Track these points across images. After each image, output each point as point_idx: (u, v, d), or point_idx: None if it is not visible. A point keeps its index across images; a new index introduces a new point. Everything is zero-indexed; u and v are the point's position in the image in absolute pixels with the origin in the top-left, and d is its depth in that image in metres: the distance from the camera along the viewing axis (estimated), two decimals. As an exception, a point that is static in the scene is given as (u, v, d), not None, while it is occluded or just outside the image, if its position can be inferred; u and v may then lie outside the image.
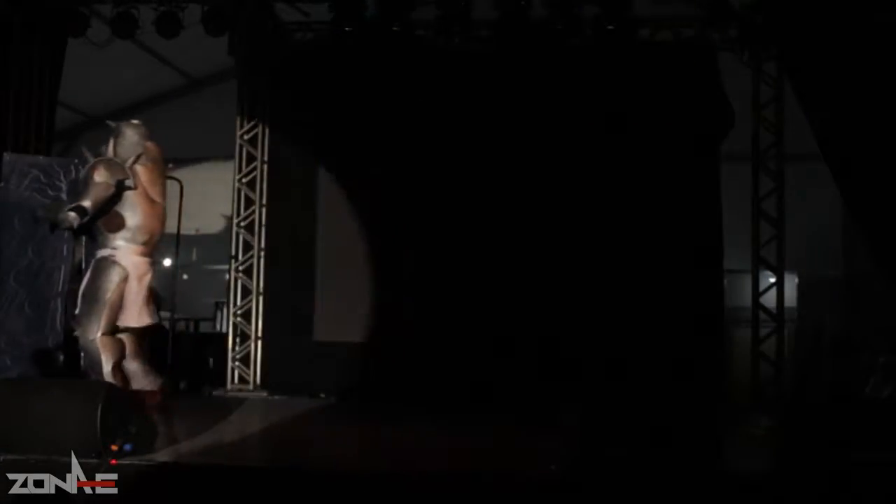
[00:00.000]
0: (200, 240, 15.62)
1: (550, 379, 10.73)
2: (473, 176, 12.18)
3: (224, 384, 12.58)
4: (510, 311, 11.91)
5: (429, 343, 11.93)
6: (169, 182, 8.84)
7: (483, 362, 11.72)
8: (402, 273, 12.24)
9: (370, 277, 12.32)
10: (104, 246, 7.46)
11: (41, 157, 10.70)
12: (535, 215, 12.06)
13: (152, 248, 7.90)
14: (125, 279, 7.48)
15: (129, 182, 7.38)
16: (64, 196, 9.33)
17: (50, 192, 9.81)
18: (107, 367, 7.20)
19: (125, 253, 7.42)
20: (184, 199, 9.32)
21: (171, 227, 8.33)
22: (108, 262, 7.33)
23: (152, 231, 7.65)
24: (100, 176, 7.28)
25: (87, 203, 7.19)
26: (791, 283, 13.99)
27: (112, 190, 7.29)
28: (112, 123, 7.84)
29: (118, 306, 7.38)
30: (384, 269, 12.27)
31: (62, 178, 9.91)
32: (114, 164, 7.33)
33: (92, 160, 7.46)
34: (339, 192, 12.54)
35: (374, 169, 12.39)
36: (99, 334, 7.23)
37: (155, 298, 8.63)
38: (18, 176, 9.97)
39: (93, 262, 7.44)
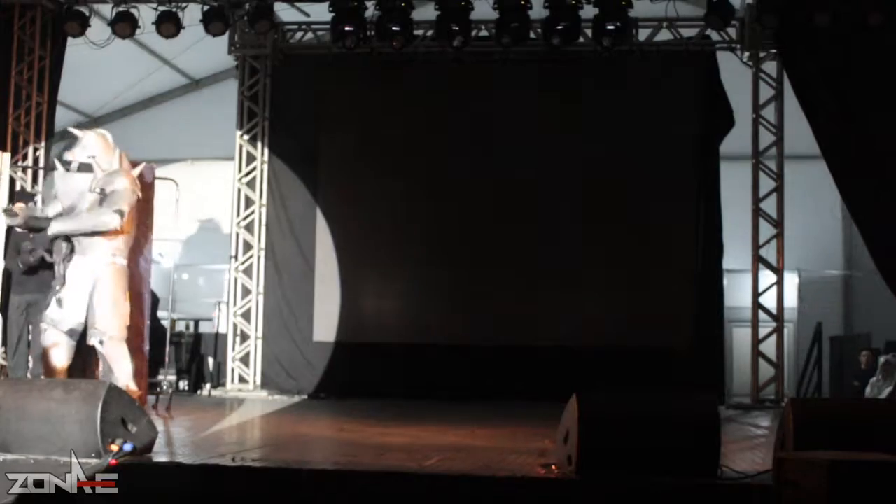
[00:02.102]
0: (200, 239, 15.59)
1: (549, 379, 10.73)
2: (473, 175, 12.19)
3: (224, 384, 12.61)
4: (508, 311, 11.93)
5: (428, 343, 11.95)
6: (165, 182, 8.91)
7: (482, 362, 11.75)
8: (401, 273, 12.25)
9: (370, 278, 12.33)
10: (98, 252, 7.40)
11: None
12: (533, 216, 12.08)
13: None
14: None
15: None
16: None
17: None
18: (132, 366, 7.23)
19: (121, 260, 7.42)
20: (183, 199, 9.35)
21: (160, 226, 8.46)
22: (122, 269, 7.32)
23: (131, 240, 7.67)
24: (134, 193, 7.26)
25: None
26: (791, 283, 14.00)
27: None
28: (85, 132, 7.63)
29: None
30: (384, 269, 12.27)
31: None
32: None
33: (121, 170, 7.36)
34: (339, 192, 12.54)
35: (373, 169, 12.40)
36: (125, 338, 7.25)
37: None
38: None
39: (103, 267, 7.33)
